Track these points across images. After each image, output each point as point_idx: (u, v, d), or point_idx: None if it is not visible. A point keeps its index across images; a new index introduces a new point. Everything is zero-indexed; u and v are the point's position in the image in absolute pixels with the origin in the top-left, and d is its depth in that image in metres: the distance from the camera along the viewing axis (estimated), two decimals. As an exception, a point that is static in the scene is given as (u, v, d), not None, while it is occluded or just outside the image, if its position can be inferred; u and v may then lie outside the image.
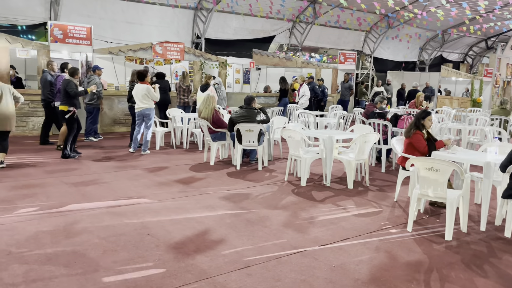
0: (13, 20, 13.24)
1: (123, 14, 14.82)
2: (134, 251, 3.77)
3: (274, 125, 8.57)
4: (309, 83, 14.26)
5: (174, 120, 9.62)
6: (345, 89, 15.85)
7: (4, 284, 3.10)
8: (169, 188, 5.95)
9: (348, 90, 15.83)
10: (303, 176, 6.40)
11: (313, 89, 14.14)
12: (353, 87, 16.55)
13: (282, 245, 4.02)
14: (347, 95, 15.85)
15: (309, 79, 14.72)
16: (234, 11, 16.62)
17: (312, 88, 14.15)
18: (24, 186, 5.79)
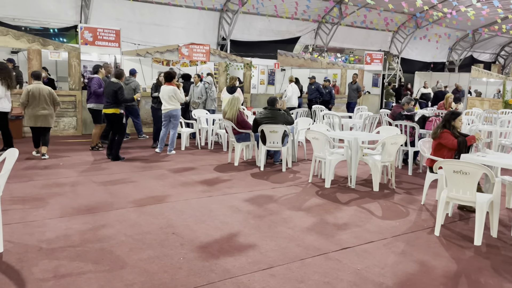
0: (46, 23, 13.70)
1: (151, 16, 15.09)
2: (160, 249, 3.83)
3: (298, 126, 8.55)
4: (313, 83, 13.72)
5: (199, 121, 9.72)
6: (352, 90, 14.99)
7: (34, 279, 3.21)
8: (193, 188, 6.02)
9: (355, 92, 14.95)
10: (327, 178, 6.35)
11: (317, 90, 13.62)
12: (361, 89, 15.44)
13: (306, 247, 4.00)
14: (354, 97, 14.97)
15: (312, 79, 14.02)
16: (259, 12, 16.67)
17: (317, 89, 13.63)
18: (55, 184, 5.98)
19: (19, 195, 5.36)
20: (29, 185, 5.88)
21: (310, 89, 13.83)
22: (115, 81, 7.81)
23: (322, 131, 6.87)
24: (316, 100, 13.53)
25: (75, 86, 10.85)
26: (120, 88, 7.69)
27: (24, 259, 3.53)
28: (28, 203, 5.05)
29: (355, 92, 14.92)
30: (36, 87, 7.63)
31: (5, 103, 7.59)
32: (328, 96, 13.89)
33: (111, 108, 7.73)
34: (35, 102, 7.54)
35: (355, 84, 14.94)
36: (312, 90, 13.71)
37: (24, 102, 7.54)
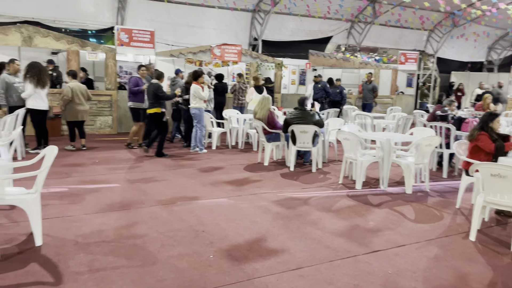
0: (84, 25, 14.16)
1: (185, 17, 15.33)
2: (190, 247, 3.89)
3: (329, 127, 8.47)
4: (319, 82, 13.06)
5: (230, 120, 9.80)
6: (368, 91, 14.03)
7: (70, 272, 3.33)
8: (224, 187, 6.07)
9: (371, 92, 13.99)
10: (358, 179, 6.27)
11: (324, 89, 12.87)
12: (377, 89, 14.26)
13: (335, 249, 3.97)
14: (369, 97, 14.04)
15: (317, 77, 13.21)
16: (291, 12, 16.62)
17: (323, 88, 12.88)
18: (91, 181, 6.18)
19: (58, 190, 5.58)
20: (67, 181, 6.10)
21: (316, 88, 13.13)
22: (154, 82, 8.13)
23: (354, 131, 6.78)
24: (322, 100, 12.81)
25: (111, 86, 11.17)
26: (159, 87, 8.03)
27: (61, 252, 3.68)
28: (66, 199, 5.25)
29: (370, 92, 14.00)
30: (76, 84, 8.44)
31: (37, 101, 7.85)
32: (339, 96, 13.14)
33: (153, 108, 8.07)
34: (76, 99, 8.32)
35: (371, 84, 14.00)
36: (318, 89, 12.96)
37: (68, 99, 8.26)
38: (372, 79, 14.18)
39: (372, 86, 13.95)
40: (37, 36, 10.20)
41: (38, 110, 7.92)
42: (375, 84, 14.11)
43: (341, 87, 13.33)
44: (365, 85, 14.24)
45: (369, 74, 14.24)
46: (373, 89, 13.92)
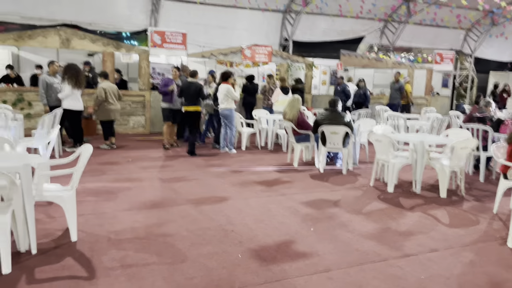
0: (119, 27, 14.54)
1: (216, 19, 15.48)
2: (219, 246, 3.92)
3: (360, 128, 8.34)
4: (339, 84, 12.78)
5: (260, 121, 9.81)
6: (395, 90, 13.39)
7: (103, 267, 3.43)
8: (253, 187, 6.09)
9: (398, 92, 13.32)
10: (390, 181, 6.14)
11: (343, 91, 12.53)
12: (404, 88, 13.58)
13: (366, 252, 3.90)
14: (397, 97, 13.36)
15: (339, 79, 12.97)
16: (323, 12, 16.49)
17: (343, 90, 12.56)
18: (124, 179, 6.34)
19: (92, 188, 5.75)
20: (101, 179, 6.28)
21: (336, 90, 12.88)
22: (194, 81, 8.32)
23: (386, 133, 6.64)
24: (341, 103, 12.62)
25: (144, 87, 11.42)
26: (202, 87, 8.31)
27: (94, 248, 3.79)
28: (100, 196, 5.40)
29: (397, 92, 13.35)
30: (108, 85, 8.75)
31: (73, 101, 8.12)
32: (363, 98, 12.72)
33: (193, 106, 8.25)
34: (109, 99, 8.63)
35: (398, 84, 13.36)
36: (338, 92, 12.69)
37: (102, 99, 8.56)
38: (399, 78, 13.61)
39: (399, 85, 13.37)
40: (75, 39, 10.56)
41: (74, 110, 8.19)
42: (402, 84, 13.54)
43: (365, 88, 12.97)
44: (392, 85, 13.74)
45: (397, 73, 13.69)
46: (400, 89, 13.37)
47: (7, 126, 6.16)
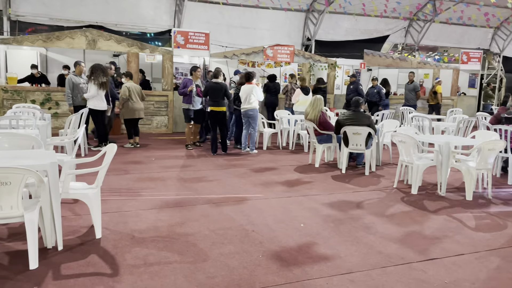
0: (143, 28, 14.79)
1: (239, 19, 15.55)
2: (240, 246, 3.94)
3: (384, 129, 8.23)
4: (352, 83, 12.44)
5: (281, 121, 9.80)
6: (409, 91, 13.01)
7: (127, 265, 3.49)
8: (274, 188, 6.09)
9: (413, 93, 12.93)
10: (414, 183, 6.03)
11: (356, 90, 12.13)
12: (419, 88, 13.18)
13: (389, 255, 3.84)
14: (411, 98, 12.97)
15: (352, 77, 12.65)
16: (346, 11, 16.34)
17: (356, 89, 12.19)
18: (147, 178, 6.43)
19: (116, 186, 5.86)
20: (125, 177, 6.40)
21: (348, 89, 12.54)
22: (219, 81, 8.39)
23: (410, 134, 6.53)
24: None
25: (167, 87, 11.56)
26: (227, 87, 8.45)
27: (118, 245, 3.86)
28: (124, 194, 5.50)
29: (412, 92, 12.97)
30: (132, 84, 8.96)
31: (98, 101, 8.31)
32: (377, 97, 12.35)
33: (220, 106, 8.34)
34: (133, 97, 8.84)
35: (412, 84, 12.99)
36: (350, 90, 12.32)
37: (126, 98, 8.77)
38: (414, 79, 13.21)
39: (413, 86, 12.98)
40: (100, 39, 10.78)
41: (98, 110, 8.37)
42: (416, 84, 13.15)
43: (379, 87, 12.59)
44: (406, 85, 13.32)
45: (411, 73, 13.32)
46: (414, 89, 12.97)
47: (36, 125, 6.34)
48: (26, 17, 13.31)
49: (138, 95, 8.98)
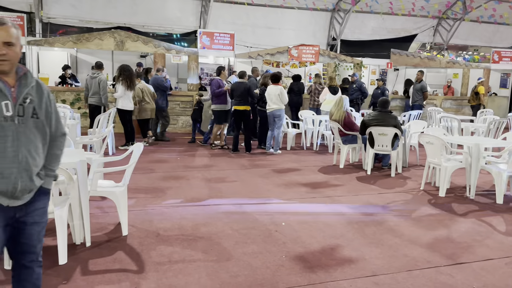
0: (170, 29, 15.00)
1: (264, 19, 15.57)
2: (263, 246, 3.95)
3: (411, 130, 8.07)
4: (354, 82, 11.95)
5: (306, 121, 9.75)
6: (416, 91, 12.32)
7: (152, 262, 3.55)
8: (297, 188, 6.06)
9: (420, 93, 12.21)
10: (442, 186, 5.89)
11: (359, 89, 11.72)
12: (426, 89, 12.39)
13: (415, 258, 3.77)
14: (418, 98, 12.24)
15: (352, 77, 12.11)
16: (372, 10, 16.12)
17: (359, 88, 11.74)
18: (172, 177, 6.53)
19: (142, 185, 5.97)
20: (151, 176, 6.51)
21: (351, 88, 12.00)
22: (243, 81, 8.50)
23: (438, 135, 6.38)
24: (358, 102, 11.69)
25: (192, 87, 11.69)
26: (251, 87, 8.48)
27: (144, 243, 3.93)
28: (150, 193, 5.59)
29: (419, 92, 12.29)
30: (144, 85, 9.12)
31: (125, 101, 8.49)
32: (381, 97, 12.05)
33: (243, 105, 8.43)
34: (146, 98, 9.02)
35: (420, 84, 12.31)
36: (354, 90, 11.75)
37: (140, 98, 8.93)
38: (422, 78, 12.54)
39: (420, 85, 12.31)
40: (128, 41, 11.00)
41: (126, 110, 8.54)
42: (424, 84, 12.48)
43: (383, 88, 12.19)
44: (414, 85, 12.70)
45: (419, 72, 12.70)
46: (421, 88, 12.31)
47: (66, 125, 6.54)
48: (57, 19, 13.72)
49: (150, 96, 9.14)
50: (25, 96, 2.16)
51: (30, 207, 2.25)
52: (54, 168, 2.38)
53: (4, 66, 2.11)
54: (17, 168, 2.12)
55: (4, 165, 2.10)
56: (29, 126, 2.16)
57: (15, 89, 2.14)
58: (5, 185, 2.11)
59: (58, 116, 2.36)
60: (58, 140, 2.39)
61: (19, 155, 2.12)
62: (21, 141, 2.13)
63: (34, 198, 2.26)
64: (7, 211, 2.16)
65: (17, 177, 2.13)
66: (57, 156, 2.39)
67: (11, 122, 2.10)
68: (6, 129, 2.09)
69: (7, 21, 2.15)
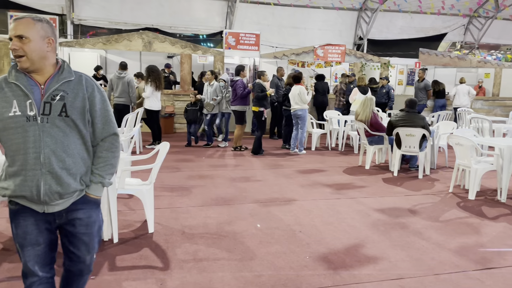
0: (196, 30, 15.17)
1: (289, 19, 15.54)
2: (287, 246, 3.94)
3: (439, 130, 7.89)
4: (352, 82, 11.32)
5: (331, 122, 9.67)
6: (419, 90, 11.93)
7: (177, 259, 3.60)
8: (322, 189, 6.02)
9: (423, 92, 11.83)
10: (472, 188, 5.73)
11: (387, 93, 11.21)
12: (430, 87, 12.00)
13: (443, 262, 3.69)
14: (422, 97, 11.84)
15: (351, 76, 11.51)
16: (401, 9, 15.84)
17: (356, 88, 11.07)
18: (198, 176, 6.60)
19: (169, 183, 6.06)
20: (177, 175, 6.60)
21: (348, 88, 11.49)
22: (259, 81, 8.56)
23: (468, 136, 6.21)
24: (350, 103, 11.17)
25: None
26: (259, 86, 8.50)
27: (169, 240, 3.99)
28: (175, 191, 5.68)
29: (422, 91, 11.85)
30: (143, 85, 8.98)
31: (153, 102, 8.63)
32: (386, 98, 11.26)
33: (256, 106, 8.48)
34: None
35: (423, 82, 11.90)
36: (350, 90, 11.25)
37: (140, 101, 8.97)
38: (424, 77, 12.06)
39: (424, 84, 11.90)
40: (156, 42, 11.19)
41: (153, 110, 8.69)
42: (427, 82, 12.03)
43: (388, 87, 11.64)
44: (416, 84, 12.29)
45: (421, 71, 12.21)
46: (425, 87, 11.88)
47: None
48: (87, 21, 14.10)
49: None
50: (55, 93, 1.98)
51: (71, 215, 2.10)
52: (101, 173, 2.14)
53: (23, 63, 1.95)
54: (39, 171, 1.96)
55: (27, 168, 1.96)
56: (56, 124, 1.97)
57: (45, 86, 1.99)
58: (29, 188, 1.97)
59: (106, 114, 2.13)
60: (107, 141, 2.15)
61: (41, 157, 1.95)
62: (44, 142, 1.95)
63: (76, 206, 2.09)
64: (46, 216, 2.06)
65: (40, 180, 1.97)
66: (104, 159, 2.14)
67: (33, 122, 1.94)
68: (27, 129, 1.94)
69: (29, 16, 1.99)
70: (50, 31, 2.03)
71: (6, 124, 1.95)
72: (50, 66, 2.03)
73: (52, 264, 2.18)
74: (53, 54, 2.05)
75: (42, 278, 2.11)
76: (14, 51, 1.94)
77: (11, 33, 1.96)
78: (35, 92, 1.97)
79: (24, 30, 1.94)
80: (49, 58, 2.03)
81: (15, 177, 1.99)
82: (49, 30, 2.03)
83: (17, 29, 1.94)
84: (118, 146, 2.19)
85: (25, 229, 2.05)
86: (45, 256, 2.10)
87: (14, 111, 1.94)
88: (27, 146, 1.95)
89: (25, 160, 1.96)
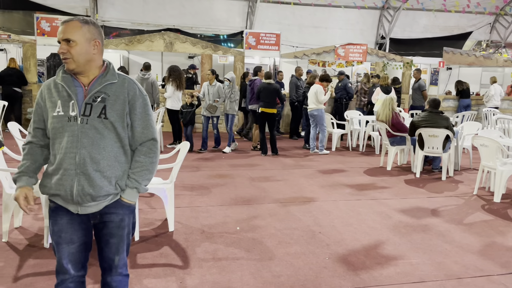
0: (217, 30, 15.26)
1: (310, 18, 15.47)
2: (306, 247, 3.92)
3: (464, 131, 7.72)
4: (341, 81, 11.00)
5: (352, 122, 9.57)
6: (414, 91, 11.29)
7: (197, 258, 3.63)
8: (342, 190, 5.97)
9: (418, 92, 11.17)
10: (497, 191, 5.58)
11: (344, 88, 10.83)
12: (424, 88, 11.31)
13: (465, 265, 3.61)
14: (418, 99, 11.21)
15: (340, 75, 11.08)
16: (424, 8, 15.56)
17: (344, 87, 10.84)
18: (217, 175, 6.63)
19: (189, 182, 6.11)
20: (197, 174, 6.65)
21: (337, 87, 11.09)
22: (272, 82, 8.39)
23: (493, 137, 6.05)
24: (341, 101, 10.85)
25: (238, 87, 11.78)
26: (279, 88, 8.41)
27: (189, 239, 4.03)
28: (195, 190, 5.72)
29: (417, 92, 11.21)
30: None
31: (174, 102, 8.68)
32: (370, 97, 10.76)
33: (271, 108, 8.30)
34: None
35: (417, 83, 11.27)
36: (339, 88, 10.95)
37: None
38: (420, 77, 11.36)
39: (418, 85, 11.24)
40: (177, 42, 11.30)
41: (174, 110, 8.77)
42: (422, 83, 11.37)
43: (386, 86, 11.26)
44: (413, 85, 11.63)
45: (416, 71, 11.46)
46: (419, 88, 11.21)
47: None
48: (111, 22, 14.37)
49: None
50: (97, 95, 2.01)
51: (105, 218, 2.12)
52: (137, 178, 2.13)
53: (69, 65, 2.00)
54: (74, 171, 2.00)
55: (63, 167, 2.01)
56: (94, 126, 2.00)
57: (88, 87, 2.03)
58: (63, 188, 2.01)
59: (146, 119, 2.12)
60: (145, 146, 2.13)
61: (77, 157, 1.99)
62: (82, 142, 1.99)
63: (110, 210, 2.11)
64: (80, 216, 2.10)
65: (74, 180, 2.00)
66: (141, 163, 2.13)
67: (74, 122, 1.99)
68: (68, 129, 1.99)
69: (76, 18, 2.02)
70: (96, 33, 2.06)
71: (51, 123, 2.04)
72: (96, 68, 2.07)
73: (85, 263, 2.22)
74: (99, 56, 2.09)
75: (73, 277, 2.16)
76: (62, 54, 1.99)
77: (59, 37, 2.01)
78: (78, 93, 2.02)
79: (71, 34, 1.98)
80: (95, 60, 2.07)
81: (53, 176, 2.05)
82: (96, 32, 2.06)
83: (64, 33, 1.99)
84: (156, 152, 2.17)
85: (61, 227, 2.10)
86: (78, 255, 2.14)
87: (58, 111, 2.02)
88: (66, 146, 2.00)
89: (62, 159, 2.01)
